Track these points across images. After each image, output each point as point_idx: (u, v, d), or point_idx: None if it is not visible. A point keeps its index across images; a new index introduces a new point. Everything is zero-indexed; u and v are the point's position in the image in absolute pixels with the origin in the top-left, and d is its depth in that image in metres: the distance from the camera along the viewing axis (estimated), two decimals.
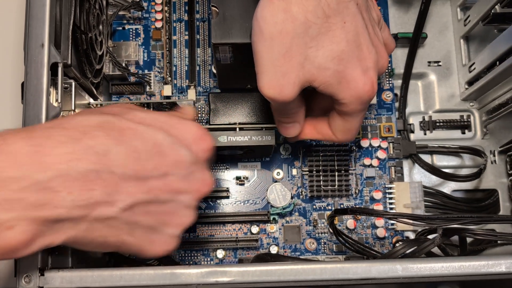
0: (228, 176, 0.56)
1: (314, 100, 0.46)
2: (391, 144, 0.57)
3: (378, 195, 0.55)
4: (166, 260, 0.50)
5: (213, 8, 0.43)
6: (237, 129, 0.48)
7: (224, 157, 0.54)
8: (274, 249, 0.54)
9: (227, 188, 0.55)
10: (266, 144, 0.48)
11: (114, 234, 0.33)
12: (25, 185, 0.29)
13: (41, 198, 0.29)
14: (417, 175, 0.59)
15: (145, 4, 0.58)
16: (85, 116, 0.34)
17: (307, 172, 0.55)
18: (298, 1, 0.35)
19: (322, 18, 0.36)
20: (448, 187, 0.59)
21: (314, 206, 0.55)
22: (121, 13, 0.55)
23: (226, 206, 0.55)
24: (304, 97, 0.43)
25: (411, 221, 0.41)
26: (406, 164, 0.59)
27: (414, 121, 0.60)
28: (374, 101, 0.57)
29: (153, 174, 0.34)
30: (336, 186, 0.55)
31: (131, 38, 0.57)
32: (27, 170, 0.29)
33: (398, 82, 0.60)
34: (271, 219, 0.54)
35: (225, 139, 0.48)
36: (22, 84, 0.39)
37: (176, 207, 0.35)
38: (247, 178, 0.56)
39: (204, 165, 0.37)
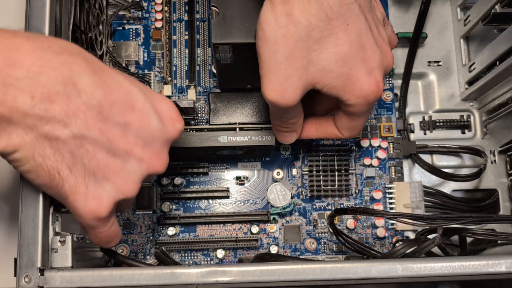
0: (228, 176, 0.56)
1: (318, 100, 0.46)
2: (391, 144, 0.57)
3: (378, 195, 0.55)
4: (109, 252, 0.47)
5: (213, 8, 0.43)
6: (237, 129, 0.48)
7: (224, 157, 0.54)
8: (274, 249, 0.54)
9: (227, 188, 0.55)
10: (266, 144, 0.48)
11: (55, 158, 0.31)
12: None
13: (4, 92, 0.29)
14: (417, 175, 0.59)
15: (145, 4, 0.58)
16: (70, 43, 0.33)
17: (307, 172, 0.55)
18: (301, 5, 0.35)
19: (324, 21, 0.36)
20: (448, 187, 0.59)
21: (314, 206, 0.55)
22: (121, 13, 0.55)
23: (226, 206, 0.55)
24: (308, 98, 0.43)
25: (411, 221, 0.41)
26: (406, 164, 0.59)
27: (414, 121, 0.60)
28: None
29: (115, 119, 0.32)
30: (336, 186, 0.55)
31: (131, 38, 0.57)
32: (1, 62, 0.29)
33: (398, 82, 0.60)
34: (271, 219, 0.54)
35: (225, 139, 0.48)
36: None
37: (122, 168, 0.34)
38: (247, 178, 0.56)
39: (168, 144, 0.36)
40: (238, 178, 0.55)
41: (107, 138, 0.32)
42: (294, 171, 0.56)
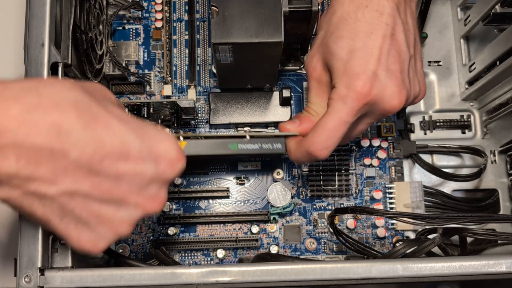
0: (228, 176, 0.56)
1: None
2: (391, 144, 0.57)
3: (378, 194, 0.55)
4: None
5: (213, 7, 0.43)
6: (247, 137, 0.47)
7: (230, 156, 0.53)
8: (274, 249, 0.54)
9: (227, 188, 0.55)
10: (276, 153, 0.47)
11: (44, 211, 0.32)
12: None
13: None
14: (417, 175, 0.59)
15: (145, 4, 0.58)
16: (65, 87, 0.32)
17: (307, 172, 0.55)
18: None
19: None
20: (448, 187, 0.59)
21: (314, 206, 0.55)
22: (121, 12, 0.55)
23: (226, 206, 0.55)
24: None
25: (411, 220, 0.41)
26: (406, 163, 0.59)
27: (414, 121, 0.60)
28: None
29: (107, 172, 0.32)
30: (336, 186, 0.55)
31: (131, 38, 0.57)
32: None
33: None
34: (271, 219, 0.54)
35: (235, 147, 0.46)
36: None
37: (116, 215, 0.34)
38: (247, 178, 0.56)
39: (165, 185, 0.36)
40: (238, 178, 0.55)
41: (98, 192, 0.32)
42: (294, 171, 0.56)
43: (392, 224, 0.55)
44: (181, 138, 0.44)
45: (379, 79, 0.40)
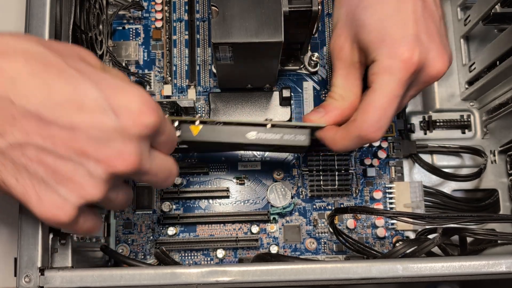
0: (228, 176, 0.56)
1: None
2: (391, 143, 0.57)
3: (378, 194, 0.55)
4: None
5: (213, 7, 0.43)
6: (269, 125, 0.43)
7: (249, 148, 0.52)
8: (274, 249, 0.54)
9: (227, 188, 0.55)
10: (299, 145, 0.44)
11: None
12: None
13: None
14: (417, 175, 0.59)
15: (145, 4, 0.58)
16: (21, 39, 0.31)
17: (307, 172, 0.55)
18: None
19: None
20: (448, 187, 0.59)
21: (314, 206, 0.55)
22: (121, 12, 0.55)
23: (226, 206, 0.55)
24: None
25: (411, 220, 0.41)
26: (406, 163, 0.59)
27: (414, 120, 0.60)
28: None
29: (59, 122, 0.30)
30: (336, 186, 0.55)
31: (131, 38, 0.57)
32: None
33: None
34: (271, 218, 0.54)
35: (253, 135, 0.43)
36: None
37: (77, 171, 0.31)
38: (247, 178, 0.56)
39: (132, 141, 0.32)
40: (238, 178, 0.55)
41: (52, 143, 0.30)
42: (294, 171, 0.56)
43: (392, 224, 0.55)
44: (197, 122, 0.42)
45: (421, 43, 0.37)
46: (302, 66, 0.57)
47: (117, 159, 0.31)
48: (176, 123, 0.42)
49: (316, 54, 0.56)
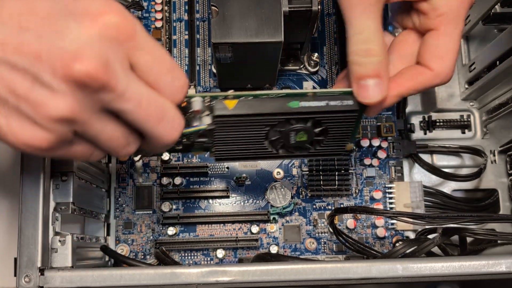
0: (228, 176, 0.56)
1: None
2: (391, 143, 0.57)
3: (378, 194, 0.55)
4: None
5: (213, 7, 0.43)
6: (311, 94, 0.38)
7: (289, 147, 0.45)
8: (274, 249, 0.54)
9: (227, 188, 0.55)
10: (348, 109, 0.38)
11: None
12: None
13: None
14: (417, 175, 0.59)
15: (145, 4, 0.58)
16: None
17: (307, 172, 0.55)
18: None
19: None
20: (448, 187, 0.59)
21: (314, 206, 0.55)
22: None
23: (226, 206, 0.55)
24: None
25: (411, 220, 0.41)
26: (406, 163, 0.59)
27: (414, 120, 0.60)
28: None
29: (7, 22, 0.26)
30: (336, 186, 0.55)
31: None
32: None
33: None
34: (271, 218, 0.54)
35: (297, 104, 0.38)
36: None
37: (35, 85, 0.27)
38: (247, 178, 0.56)
39: (94, 42, 0.27)
40: (238, 178, 0.55)
41: (2, 50, 0.26)
42: (294, 171, 0.56)
43: (392, 224, 0.55)
44: (231, 96, 0.38)
45: None
46: (302, 66, 0.57)
47: (74, 61, 0.27)
48: (208, 98, 0.37)
49: (316, 54, 0.56)
